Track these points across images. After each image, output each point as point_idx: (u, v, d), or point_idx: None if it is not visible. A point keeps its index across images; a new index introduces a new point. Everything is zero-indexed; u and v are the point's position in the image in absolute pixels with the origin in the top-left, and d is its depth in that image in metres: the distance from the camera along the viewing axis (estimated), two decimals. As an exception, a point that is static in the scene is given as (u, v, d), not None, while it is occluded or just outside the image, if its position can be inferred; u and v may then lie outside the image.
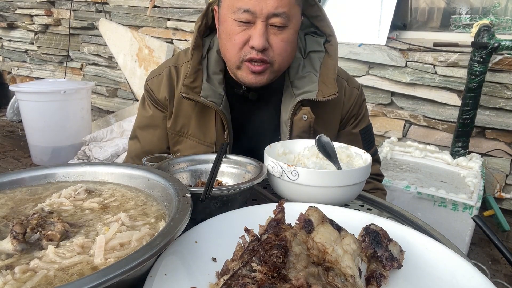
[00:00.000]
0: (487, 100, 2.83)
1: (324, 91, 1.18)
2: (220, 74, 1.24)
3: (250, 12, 1.05)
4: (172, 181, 0.75)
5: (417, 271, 0.65)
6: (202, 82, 1.19)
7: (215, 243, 0.68)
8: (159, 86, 1.29)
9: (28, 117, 3.91)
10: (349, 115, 1.31)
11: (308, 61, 1.25)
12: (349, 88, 1.30)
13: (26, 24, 5.35)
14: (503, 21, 2.97)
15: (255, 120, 1.29)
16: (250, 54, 1.09)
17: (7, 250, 0.59)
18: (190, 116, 1.26)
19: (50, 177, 0.84)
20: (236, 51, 1.11)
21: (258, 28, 1.06)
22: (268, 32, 1.08)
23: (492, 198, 2.71)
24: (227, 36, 1.11)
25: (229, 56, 1.14)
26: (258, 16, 1.05)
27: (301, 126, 1.21)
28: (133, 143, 1.38)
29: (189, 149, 1.27)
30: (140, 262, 0.49)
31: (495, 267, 2.46)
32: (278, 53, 1.10)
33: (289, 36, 1.10)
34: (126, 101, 4.82)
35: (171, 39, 4.18)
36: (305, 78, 1.22)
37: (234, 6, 1.06)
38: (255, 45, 1.06)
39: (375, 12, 3.13)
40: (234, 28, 1.09)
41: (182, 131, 1.28)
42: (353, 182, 0.86)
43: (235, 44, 1.10)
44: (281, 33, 1.09)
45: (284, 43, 1.10)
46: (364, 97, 1.36)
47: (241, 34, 1.08)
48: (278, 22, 1.06)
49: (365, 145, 1.32)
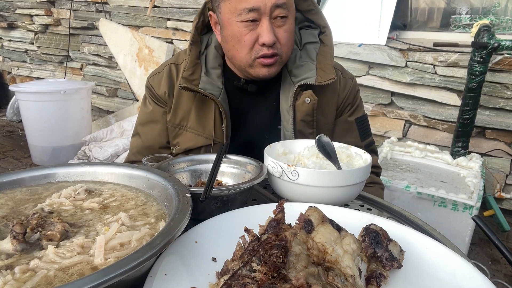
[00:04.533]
0: (487, 100, 2.83)
1: (323, 76, 1.21)
2: (219, 69, 1.28)
3: (255, 10, 1.08)
4: (172, 181, 0.75)
5: (417, 271, 0.65)
6: (200, 75, 1.23)
7: (215, 243, 0.68)
8: (159, 82, 1.32)
9: (28, 117, 3.91)
10: (345, 104, 1.34)
11: (304, 52, 1.29)
12: (343, 78, 1.34)
13: (26, 24, 5.35)
14: (503, 21, 2.97)
15: (254, 111, 1.32)
16: (261, 51, 1.13)
17: (7, 250, 0.59)
18: (189, 109, 1.29)
19: (50, 177, 0.84)
20: (247, 51, 1.15)
21: (265, 25, 1.10)
22: (273, 26, 1.12)
23: (492, 198, 2.71)
24: (235, 39, 1.15)
25: (240, 57, 1.18)
26: (263, 12, 1.09)
27: (304, 109, 1.24)
28: (135, 140, 1.41)
29: (188, 141, 1.30)
30: (140, 262, 0.49)
31: (495, 267, 2.46)
32: (284, 43, 1.15)
33: (290, 26, 1.16)
34: (126, 101, 4.82)
35: (171, 39, 4.18)
36: (302, 66, 1.26)
37: (238, 8, 1.09)
38: (266, 42, 1.10)
39: (375, 12, 3.13)
40: (241, 30, 1.12)
41: (182, 124, 1.31)
42: (353, 182, 0.86)
43: (246, 45, 1.14)
44: (284, 24, 1.13)
45: (288, 34, 1.15)
46: (358, 88, 1.40)
47: (250, 34, 1.12)
48: (280, 13, 1.11)
49: (361, 134, 1.36)
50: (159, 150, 1.36)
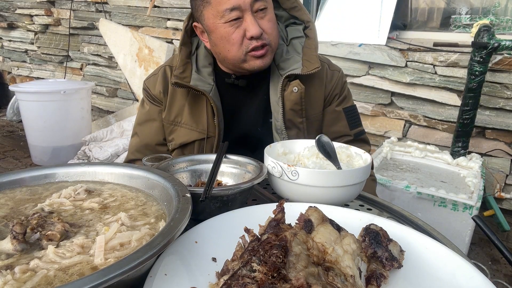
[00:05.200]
0: (487, 100, 2.83)
1: (308, 66, 1.27)
2: (209, 67, 1.34)
3: (237, 9, 1.15)
4: (172, 181, 0.75)
5: (417, 271, 0.65)
6: (191, 73, 1.30)
7: (215, 243, 0.68)
8: (154, 83, 1.39)
9: (28, 117, 3.91)
10: (332, 94, 1.38)
11: (291, 47, 1.36)
12: (330, 71, 1.39)
13: (26, 24, 5.35)
14: (503, 21, 2.97)
15: (246, 105, 1.37)
16: (251, 45, 1.19)
17: (7, 250, 0.59)
18: (183, 105, 1.35)
19: (50, 177, 0.84)
20: (238, 48, 1.20)
21: (249, 19, 1.16)
22: (256, 19, 1.17)
23: (492, 198, 2.70)
24: (223, 40, 1.20)
25: (232, 55, 1.22)
26: (244, 8, 1.15)
27: (293, 99, 1.29)
28: (133, 140, 1.47)
29: (183, 136, 1.35)
30: (140, 262, 0.49)
31: (495, 267, 2.46)
32: (270, 32, 1.21)
33: (271, 15, 1.22)
34: (126, 101, 4.81)
35: (171, 39, 4.18)
36: (289, 59, 1.32)
37: (220, 11, 1.16)
38: (254, 34, 1.16)
39: (375, 12, 3.13)
40: (228, 30, 1.18)
41: (176, 120, 1.36)
42: (353, 182, 0.86)
43: (235, 42, 1.19)
44: (265, 15, 1.20)
45: (271, 23, 1.22)
46: (345, 80, 1.44)
47: (237, 32, 1.18)
48: (260, 6, 1.17)
49: (349, 123, 1.39)
50: (156, 147, 1.41)
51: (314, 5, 3.54)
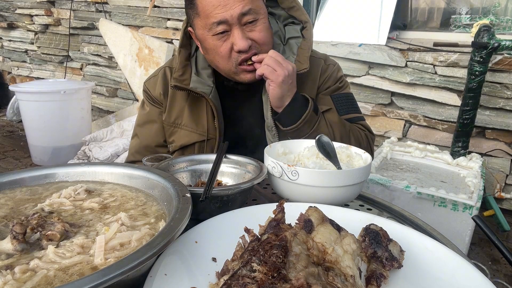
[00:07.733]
0: (487, 100, 2.83)
1: (298, 67, 1.26)
2: (209, 69, 1.33)
3: (224, 23, 1.13)
4: (172, 181, 0.75)
5: (417, 271, 0.65)
6: (190, 76, 1.29)
7: (215, 243, 0.68)
8: (154, 85, 1.39)
9: (28, 117, 3.91)
10: (323, 86, 1.37)
11: (287, 47, 1.35)
12: (325, 65, 1.40)
13: (26, 24, 5.35)
14: (503, 21, 2.97)
15: (245, 107, 1.36)
16: (240, 57, 1.18)
17: (7, 250, 0.59)
18: (183, 107, 1.35)
19: (50, 177, 0.84)
20: (226, 61, 1.20)
21: (236, 33, 1.15)
22: (245, 31, 1.16)
23: (492, 198, 2.70)
24: (213, 52, 1.21)
25: (222, 67, 1.23)
26: (231, 22, 1.13)
27: None
28: (134, 141, 1.47)
29: (183, 138, 1.35)
30: (140, 262, 0.49)
31: (495, 267, 2.46)
32: (262, 42, 1.19)
33: (263, 25, 1.19)
34: (126, 101, 4.82)
35: (171, 39, 4.18)
36: None
37: (207, 24, 1.15)
38: (241, 48, 1.15)
39: (375, 12, 3.13)
40: (216, 43, 1.18)
41: (176, 122, 1.36)
42: (353, 182, 0.86)
43: (223, 55, 1.19)
44: (256, 26, 1.17)
45: (263, 33, 1.19)
46: (342, 74, 1.43)
47: (224, 45, 1.17)
48: (249, 19, 1.15)
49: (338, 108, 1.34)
50: (156, 148, 1.41)
51: (314, 5, 3.54)
